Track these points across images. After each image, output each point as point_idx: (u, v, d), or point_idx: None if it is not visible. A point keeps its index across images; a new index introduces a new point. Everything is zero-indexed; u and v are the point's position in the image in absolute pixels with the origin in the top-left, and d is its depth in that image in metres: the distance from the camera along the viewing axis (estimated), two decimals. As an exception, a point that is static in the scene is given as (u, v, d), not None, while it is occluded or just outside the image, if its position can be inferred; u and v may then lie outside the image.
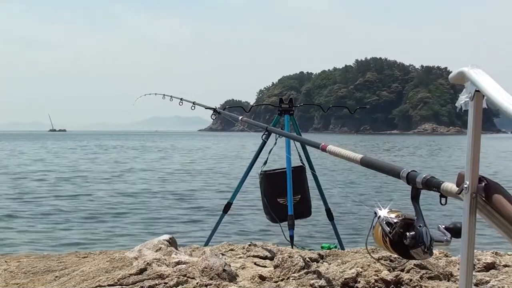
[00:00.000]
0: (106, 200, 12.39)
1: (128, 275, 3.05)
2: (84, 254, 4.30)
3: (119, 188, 14.79)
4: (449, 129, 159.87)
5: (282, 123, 4.85)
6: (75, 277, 3.21)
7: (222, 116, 5.07)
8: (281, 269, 3.25)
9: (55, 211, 10.60)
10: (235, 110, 5.78)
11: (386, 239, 1.30)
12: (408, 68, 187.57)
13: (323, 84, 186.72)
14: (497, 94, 1.07)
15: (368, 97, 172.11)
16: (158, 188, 14.90)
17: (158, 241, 3.49)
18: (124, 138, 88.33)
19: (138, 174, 19.67)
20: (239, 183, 4.99)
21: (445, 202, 1.22)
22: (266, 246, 4.08)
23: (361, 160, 1.65)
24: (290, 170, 4.59)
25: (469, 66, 1.15)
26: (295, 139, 3.67)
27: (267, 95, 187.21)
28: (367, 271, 3.17)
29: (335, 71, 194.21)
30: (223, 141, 69.99)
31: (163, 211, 10.79)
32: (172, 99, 5.91)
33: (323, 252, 3.80)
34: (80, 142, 64.54)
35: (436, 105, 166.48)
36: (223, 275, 3.11)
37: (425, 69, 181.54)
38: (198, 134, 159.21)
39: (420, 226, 1.23)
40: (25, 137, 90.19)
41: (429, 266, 3.26)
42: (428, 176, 1.25)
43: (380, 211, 1.34)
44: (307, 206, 4.84)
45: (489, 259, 3.50)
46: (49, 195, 13.04)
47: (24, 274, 3.57)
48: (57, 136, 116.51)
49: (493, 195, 1.09)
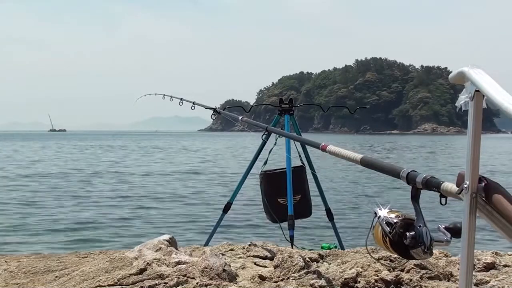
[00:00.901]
0: (106, 200, 12.38)
1: (128, 275, 3.05)
2: (84, 254, 4.30)
3: (118, 188, 14.79)
4: (449, 129, 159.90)
5: (282, 123, 4.85)
6: (75, 277, 3.21)
7: (222, 116, 5.07)
8: (281, 269, 3.25)
9: (56, 210, 10.61)
10: (235, 110, 5.78)
11: (386, 239, 1.30)
12: (408, 68, 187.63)
13: (323, 84, 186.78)
14: (497, 94, 1.07)
15: (368, 97, 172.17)
16: (158, 188, 14.90)
17: (158, 241, 3.49)
18: (124, 138, 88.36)
19: (137, 174, 19.66)
20: (239, 183, 4.99)
21: (445, 202, 1.22)
22: (266, 246, 4.08)
23: (361, 160, 1.65)
24: (290, 170, 4.59)
25: (469, 66, 1.15)
26: (295, 139, 3.67)
27: (267, 95, 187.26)
28: (367, 271, 3.17)
29: (335, 71, 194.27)
30: (223, 141, 70.00)
31: (163, 211, 10.78)
32: (172, 99, 5.92)
33: (323, 252, 3.80)
34: (77, 142, 64.60)
35: (436, 105, 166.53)
36: (223, 275, 3.11)
37: (425, 69, 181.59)
38: (198, 134, 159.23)
39: (420, 226, 1.23)
40: (40, 137, 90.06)
41: (429, 266, 3.26)
42: (428, 176, 1.25)
43: (380, 211, 1.34)
44: (307, 206, 4.84)
45: (489, 259, 3.50)
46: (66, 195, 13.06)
47: (24, 274, 3.57)
48: (57, 136, 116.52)
49: (493, 195, 1.09)
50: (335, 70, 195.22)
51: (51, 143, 59.77)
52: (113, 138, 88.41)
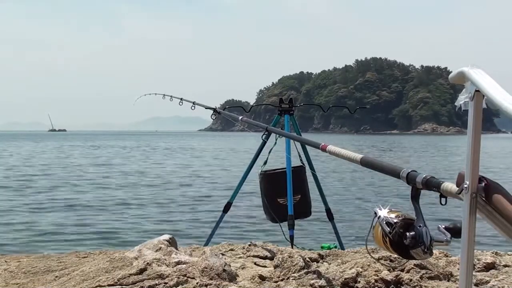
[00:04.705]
0: (106, 200, 12.38)
1: (128, 275, 3.05)
2: (84, 254, 4.30)
3: (117, 188, 14.79)
4: (449, 129, 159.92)
5: (282, 123, 4.85)
6: (75, 277, 3.21)
7: (222, 116, 5.07)
8: (281, 269, 3.25)
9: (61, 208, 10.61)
10: (235, 110, 5.78)
11: (386, 239, 1.30)
12: (408, 68, 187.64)
13: (323, 84, 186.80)
14: (497, 94, 1.06)
15: (368, 97, 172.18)
16: (158, 188, 14.90)
17: (158, 241, 3.49)
18: (124, 138, 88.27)
19: (137, 174, 19.65)
20: (239, 183, 4.99)
21: (445, 202, 1.22)
22: (266, 246, 4.08)
23: (361, 160, 1.65)
24: (290, 170, 4.59)
25: (469, 66, 1.15)
26: (295, 139, 3.67)
27: (267, 95, 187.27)
28: (367, 271, 3.17)
29: (335, 71, 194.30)
30: (223, 141, 69.93)
31: (163, 211, 10.78)
32: (172, 99, 5.92)
33: (323, 252, 3.80)
34: (73, 142, 64.51)
35: (436, 105, 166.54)
36: (223, 275, 3.11)
37: (425, 69, 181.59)
38: (198, 134, 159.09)
39: (420, 226, 1.23)
40: (43, 137, 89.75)
41: (429, 266, 3.26)
42: (428, 176, 1.25)
43: (380, 211, 1.34)
44: (307, 206, 4.84)
45: (489, 259, 3.49)
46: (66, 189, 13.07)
47: (24, 274, 3.57)
48: (58, 136, 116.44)
49: (493, 195, 1.09)
50: (335, 70, 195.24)
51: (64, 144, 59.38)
52: (114, 138, 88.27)
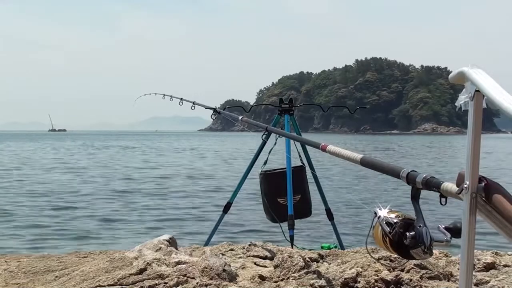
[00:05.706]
0: (106, 200, 12.38)
1: (128, 275, 3.05)
2: (84, 254, 4.30)
3: (117, 188, 14.79)
4: (449, 129, 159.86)
5: (282, 123, 4.85)
6: (75, 277, 3.21)
7: (222, 116, 5.08)
8: (281, 269, 3.25)
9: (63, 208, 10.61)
10: (235, 110, 5.78)
11: (386, 239, 1.30)
12: (408, 68, 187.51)
13: (323, 84, 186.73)
14: (497, 94, 1.07)
15: (368, 97, 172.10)
16: (158, 188, 14.90)
17: (158, 241, 3.49)
18: (124, 138, 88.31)
19: (137, 174, 19.65)
20: (239, 183, 4.99)
21: (445, 202, 1.22)
22: (266, 246, 4.07)
23: (361, 160, 1.65)
24: (290, 170, 4.59)
25: (469, 66, 1.15)
26: (295, 139, 3.67)
27: (267, 95, 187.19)
28: (367, 271, 3.17)
29: (335, 71, 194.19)
30: (223, 141, 69.93)
31: (163, 211, 10.78)
32: (172, 99, 5.93)
33: (323, 252, 3.79)
34: (72, 142, 64.58)
35: (436, 105, 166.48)
36: (223, 275, 3.11)
37: (425, 69, 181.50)
38: (198, 134, 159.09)
39: (420, 226, 1.23)
40: (44, 137, 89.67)
41: (429, 266, 3.26)
42: (428, 176, 1.25)
43: (380, 211, 1.34)
44: (307, 206, 4.84)
45: (489, 259, 3.49)
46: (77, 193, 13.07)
47: (24, 274, 3.57)
48: (58, 136, 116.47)
49: (493, 195, 1.09)
50: (335, 70, 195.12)
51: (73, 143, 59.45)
52: (113, 138, 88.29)
